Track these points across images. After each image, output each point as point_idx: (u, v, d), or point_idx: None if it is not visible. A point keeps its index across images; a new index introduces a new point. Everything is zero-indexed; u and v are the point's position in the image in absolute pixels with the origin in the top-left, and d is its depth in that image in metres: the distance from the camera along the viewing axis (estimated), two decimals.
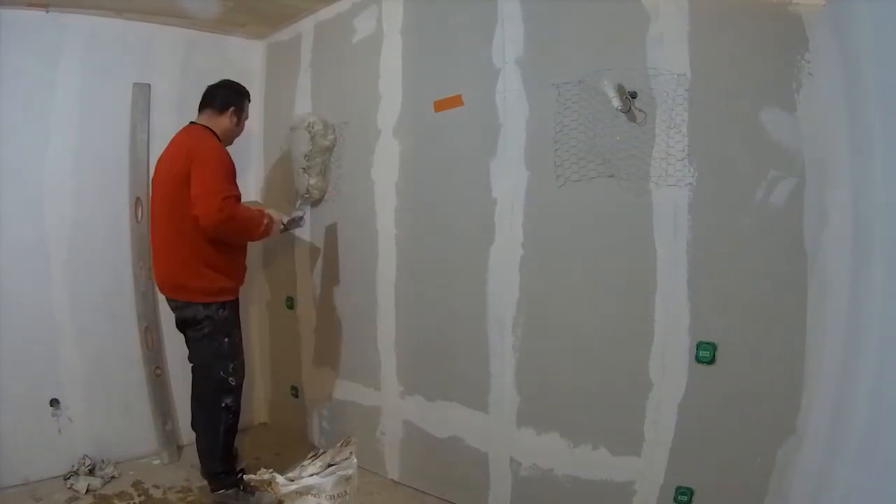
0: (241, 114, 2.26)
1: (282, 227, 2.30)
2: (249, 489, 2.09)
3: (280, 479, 1.68)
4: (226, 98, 2.21)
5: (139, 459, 2.57)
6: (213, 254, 2.09)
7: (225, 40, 2.87)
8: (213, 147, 2.08)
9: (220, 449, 2.17)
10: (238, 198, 2.09)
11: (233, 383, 2.18)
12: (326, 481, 1.71)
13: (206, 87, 2.24)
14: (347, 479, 1.76)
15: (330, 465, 1.80)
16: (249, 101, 2.33)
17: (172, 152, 2.13)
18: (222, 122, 2.20)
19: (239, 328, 2.24)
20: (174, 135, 2.20)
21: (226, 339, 2.17)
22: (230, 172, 2.09)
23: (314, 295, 2.71)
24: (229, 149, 2.20)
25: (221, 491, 2.17)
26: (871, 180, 1.23)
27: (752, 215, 1.49)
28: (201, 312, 2.12)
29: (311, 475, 1.74)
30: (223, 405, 2.16)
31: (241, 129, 2.31)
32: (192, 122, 2.21)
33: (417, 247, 2.25)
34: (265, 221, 2.17)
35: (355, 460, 1.82)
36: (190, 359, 2.26)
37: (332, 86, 2.57)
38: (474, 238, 2.03)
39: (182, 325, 2.23)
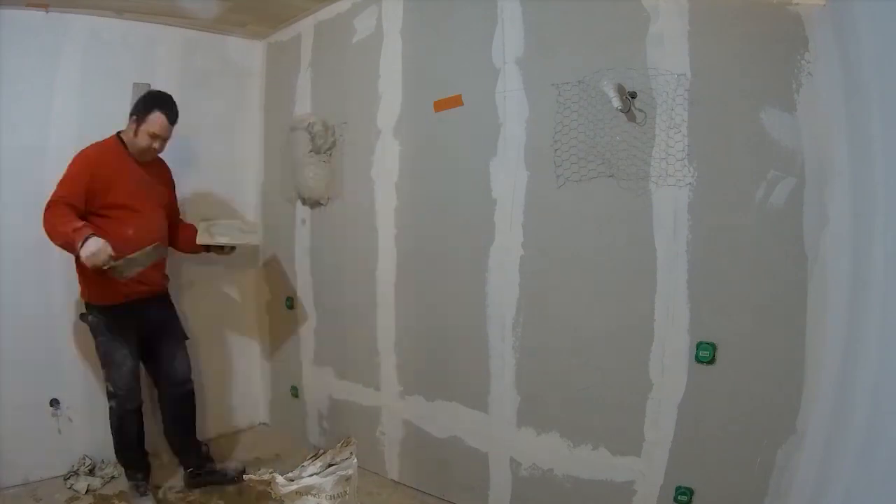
0: (139, 124, 2.09)
1: (112, 261, 1.87)
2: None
3: (280, 479, 1.68)
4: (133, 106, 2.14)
5: None
6: None
7: (225, 40, 2.86)
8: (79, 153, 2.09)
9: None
10: (67, 202, 1.94)
11: None
12: (326, 481, 1.71)
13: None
14: (347, 479, 1.76)
15: (330, 465, 1.80)
16: (163, 112, 2.10)
17: None
18: (128, 133, 2.14)
19: (112, 334, 2.13)
20: None
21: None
22: (75, 178, 2.00)
23: (314, 295, 2.71)
24: None
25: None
26: (871, 180, 1.23)
27: (752, 215, 1.49)
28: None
29: (311, 475, 1.74)
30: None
31: (141, 140, 2.11)
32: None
33: (417, 247, 2.25)
34: (68, 235, 1.87)
35: (355, 460, 1.82)
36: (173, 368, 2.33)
37: (332, 86, 2.57)
38: (474, 238, 2.03)
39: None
